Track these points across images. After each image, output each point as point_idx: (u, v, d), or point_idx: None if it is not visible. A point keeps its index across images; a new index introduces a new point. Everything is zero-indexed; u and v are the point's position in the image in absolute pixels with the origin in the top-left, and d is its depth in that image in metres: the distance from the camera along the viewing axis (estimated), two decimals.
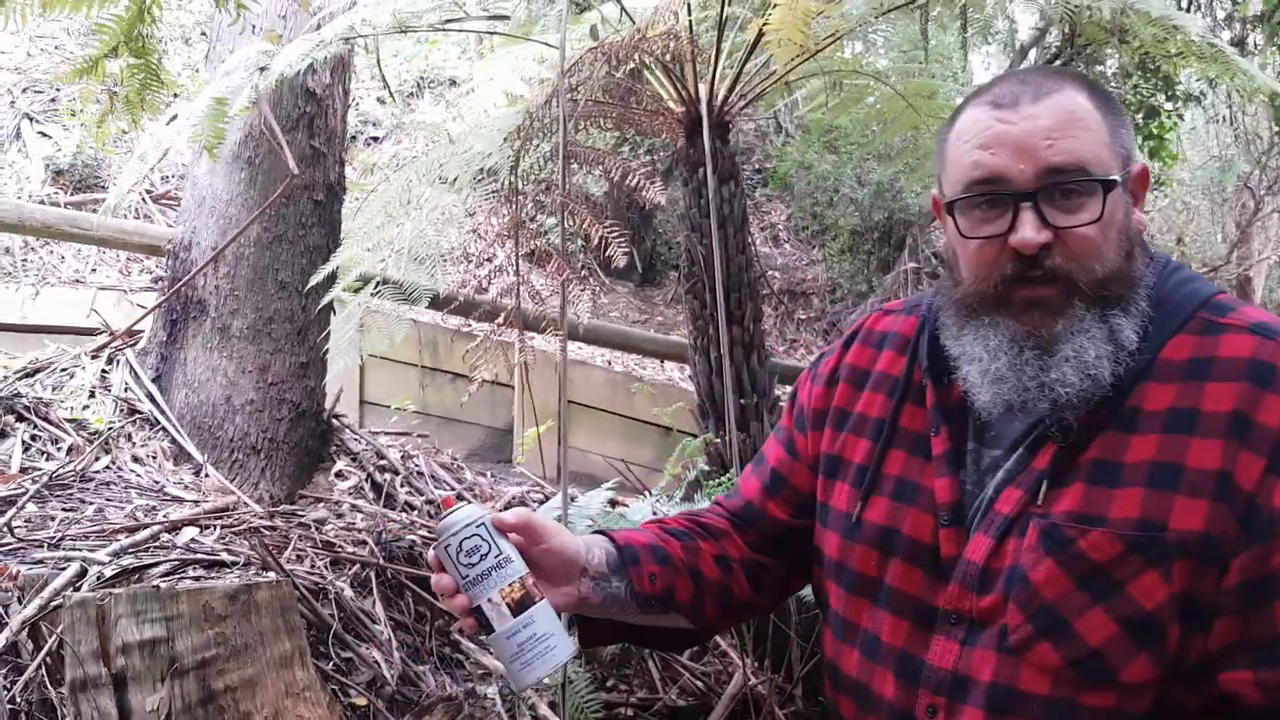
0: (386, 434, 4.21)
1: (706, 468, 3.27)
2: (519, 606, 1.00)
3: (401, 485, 3.66)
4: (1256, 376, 0.90)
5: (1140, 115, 7.10)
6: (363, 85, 7.74)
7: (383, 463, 3.74)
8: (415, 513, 3.52)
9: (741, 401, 3.30)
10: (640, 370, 6.98)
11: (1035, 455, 0.97)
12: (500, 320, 2.76)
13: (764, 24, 2.81)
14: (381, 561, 2.86)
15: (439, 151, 2.94)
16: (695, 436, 3.30)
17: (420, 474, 3.82)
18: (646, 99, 3.30)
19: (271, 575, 2.25)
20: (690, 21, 3.03)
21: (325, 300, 2.98)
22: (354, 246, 2.87)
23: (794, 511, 1.19)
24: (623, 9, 2.94)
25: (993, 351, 0.97)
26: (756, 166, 9.58)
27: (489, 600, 1.00)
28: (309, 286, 2.96)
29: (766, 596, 1.22)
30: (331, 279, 2.93)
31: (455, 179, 2.82)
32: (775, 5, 2.56)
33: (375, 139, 7.74)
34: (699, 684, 3.00)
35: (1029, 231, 0.93)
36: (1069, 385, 0.93)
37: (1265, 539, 0.87)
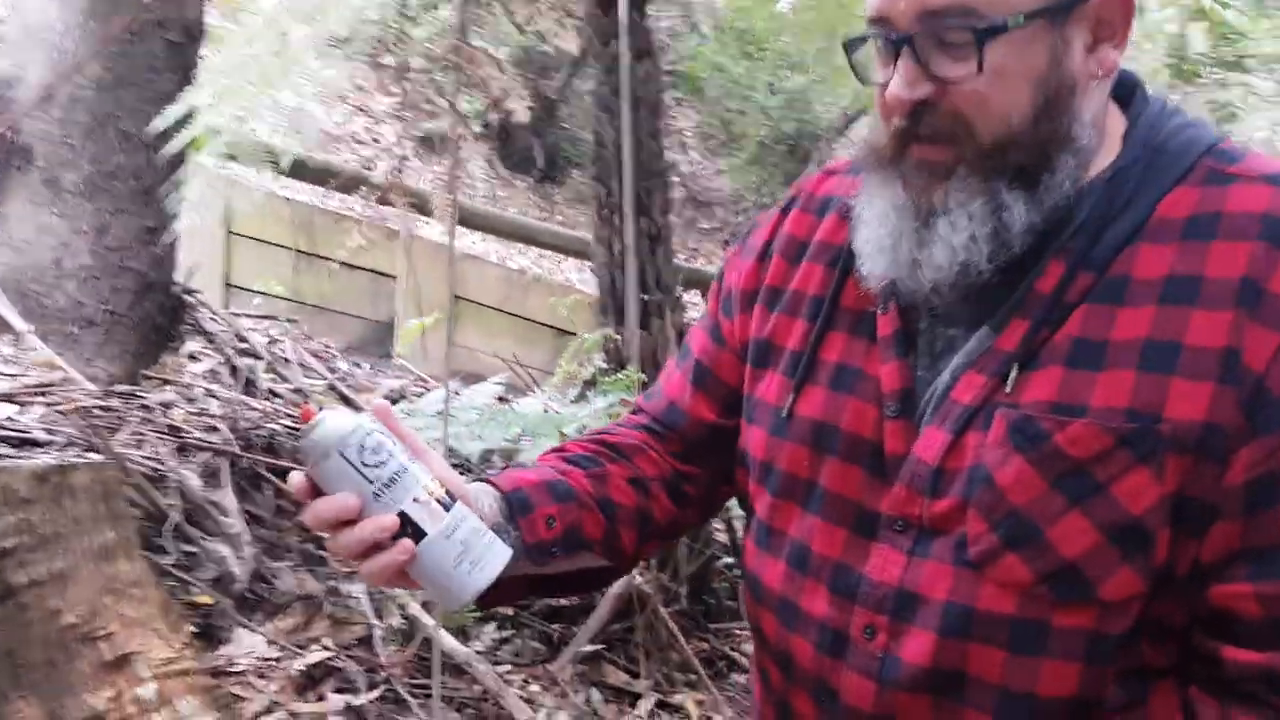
0: (249, 316, 3.85)
1: (604, 365, 3.07)
2: (449, 498, 0.79)
3: (265, 372, 3.34)
4: (1272, 235, 0.74)
5: None
6: None
7: (244, 346, 3.40)
8: (280, 401, 3.22)
9: (644, 297, 3.09)
10: (536, 270, 6.71)
11: (1001, 334, 0.80)
12: (384, 188, 2.43)
13: None
14: (237, 450, 2.58)
15: None
16: (583, 335, 3.09)
17: (287, 360, 3.50)
18: None
19: (96, 458, 1.95)
20: None
21: (172, 147, 2.59)
22: (205, 92, 2.50)
23: (721, 409, 1.00)
24: None
25: (880, 216, 0.82)
26: (667, 69, 9.24)
27: (414, 500, 0.77)
28: (156, 133, 2.57)
29: (693, 510, 1.04)
30: (184, 128, 2.55)
31: (332, 24, 2.46)
32: None
33: None
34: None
35: (898, 85, 0.77)
36: (937, 267, 0.79)
37: (1275, 429, 0.72)
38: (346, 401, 3.43)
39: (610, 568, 1.00)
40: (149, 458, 2.24)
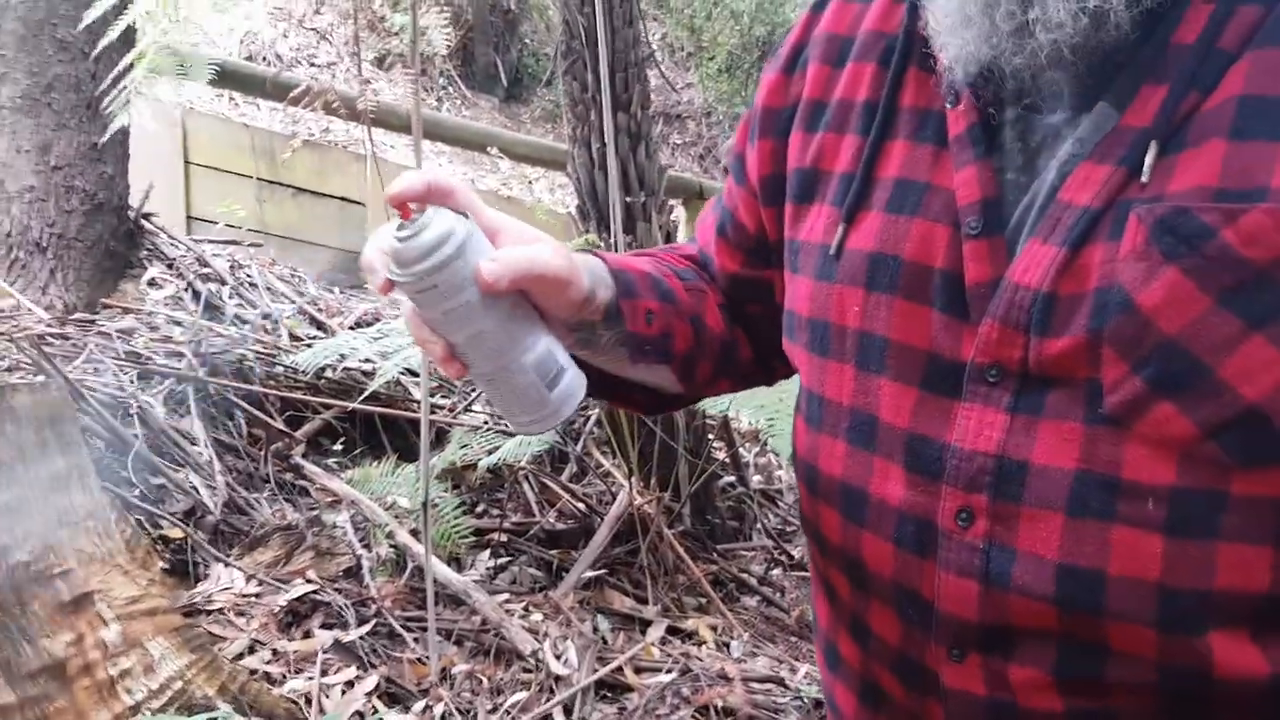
0: (211, 242, 3.63)
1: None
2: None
3: (230, 297, 3.15)
4: None
5: None
6: None
7: (206, 271, 3.20)
8: (247, 327, 3.03)
9: (628, 199, 2.91)
10: (507, 191, 6.47)
11: (1129, 108, 0.59)
12: (321, 97, 2.20)
13: None
14: (202, 375, 2.40)
15: None
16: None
17: (253, 285, 3.31)
18: None
19: (37, 379, 1.78)
20: None
21: (102, 49, 2.36)
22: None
23: (745, 258, 0.82)
24: None
25: None
26: None
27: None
28: (86, 32, 2.34)
29: (760, 371, 0.88)
30: (127, 41, 2.32)
31: None
32: None
33: None
34: (579, 506, 2.71)
35: None
36: (1054, 27, 0.58)
37: None
38: (319, 326, 3.25)
39: (675, 395, 0.85)
40: (108, 385, 2.06)
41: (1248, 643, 0.56)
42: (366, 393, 2.33)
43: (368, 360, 2.64)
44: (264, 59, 6.19)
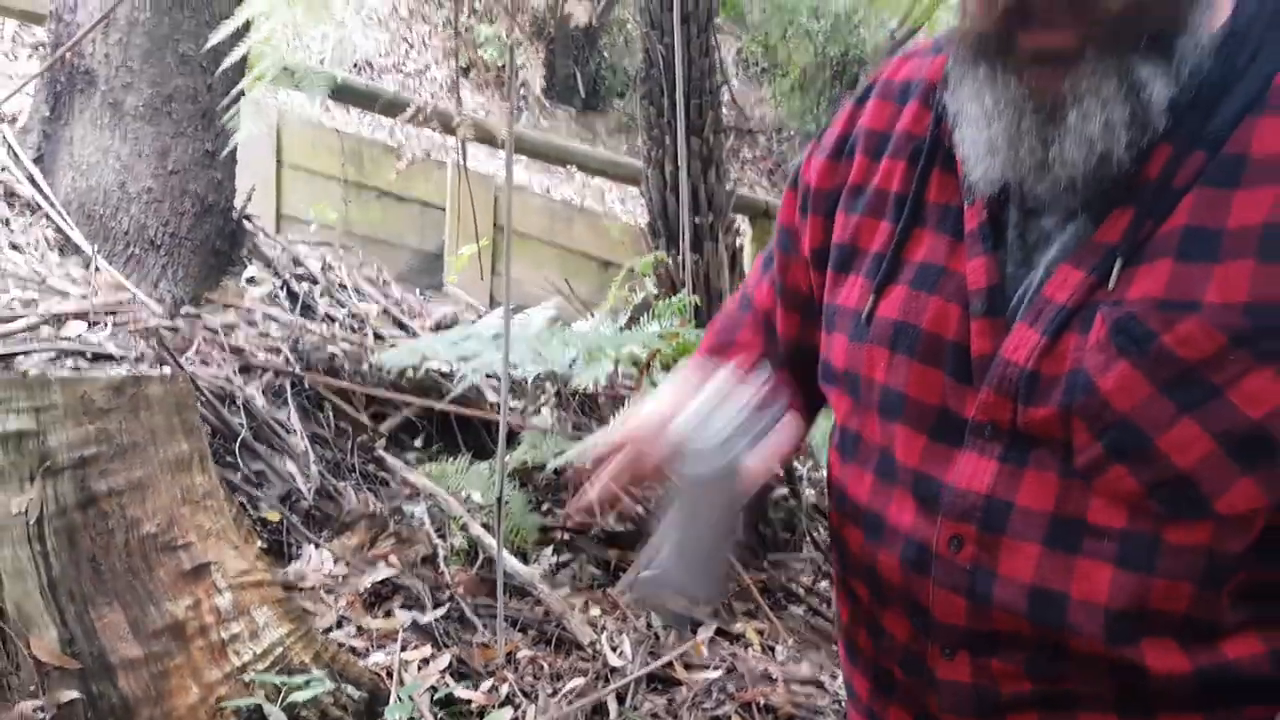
0: (305, 243, 3.86)
1: (656, 289, 3.04)
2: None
3: (321, 296, 3.36)
4: None
5: None
6: None
7: (300, 271, 3.42)
8: (336, 325, 3.24)
9: (697, 220, 3.05)
10: (580, 200, 6.65)
11: (1102, 224, 0.73)
12: (430, 119, 2.39)
13: None
14: (298, 370, 2.60)
15: None
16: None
17: (343, 286, 3.52)
18: None
19: (165, 370, 1.97)
20: None
21: (224, 65, 2.57)
22: (260, 4, 2.46)
23: (799, 320, 0.95)
24: None
25: (989, 113, 0.73)
26: None
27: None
28: (211, 51, 2.55)
29: (810, 415, 1.01)
30: (242, 61, 2.53)
31: None
32: None
33: None
34: (639, 509, 2.85)
35: None
36: (1069, 165, 0.71)
37: None
38: (401, 327, 3.44)
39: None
40: (216, 376, 2.26)
41: (1174, 649, 0.72)
42: (451, 395, 2.50)
43: (447, 362, 2.82)
44: (354, 65, 6.46)
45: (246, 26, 2.42)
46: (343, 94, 3.38)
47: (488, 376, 2.85)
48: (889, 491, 0.82)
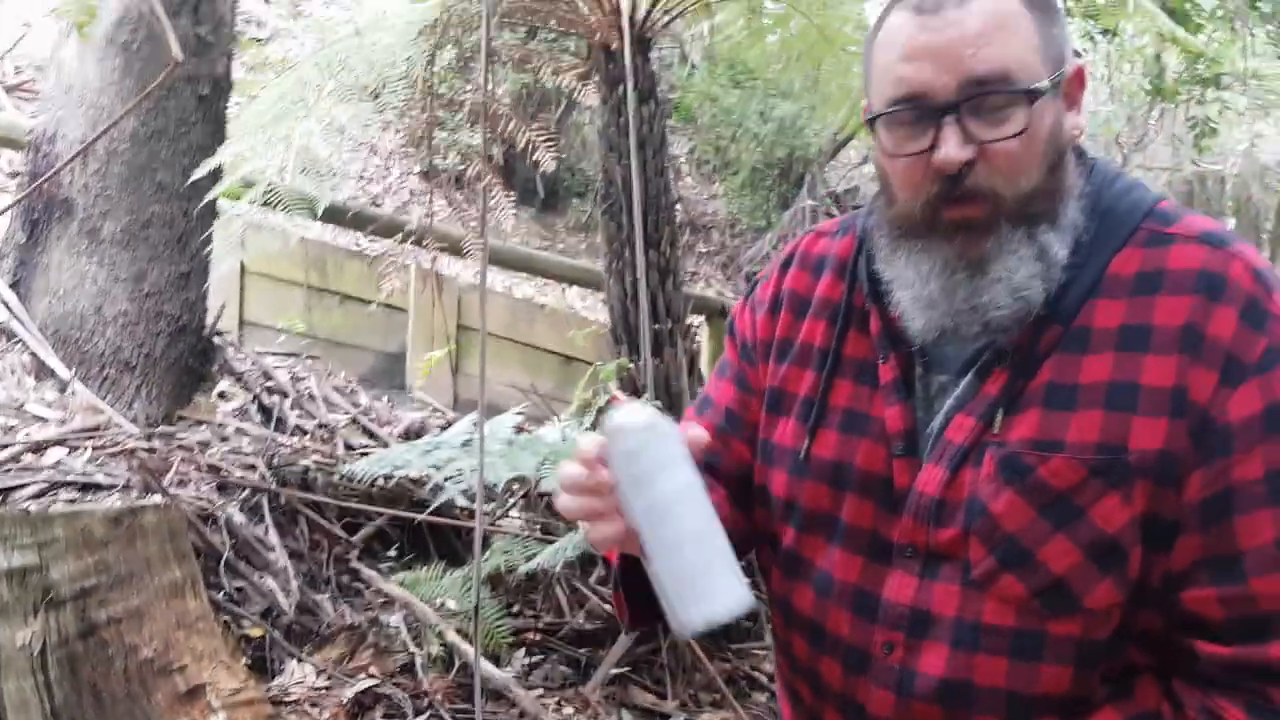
0: (273, 354, 3.96)
1: (619, 393, 3.18)
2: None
3: (292, 408, 3.45)
4: (1207, 288, 0.86)
5: None
6: None
7: (270, 384, 3.51)
8: (307, 437, 3.32)
9: (656, 326, 3.21)
10: (541, 298, 6.82)
11: (985, 380, 0.91)
12: (408, 238, 2.55)
13: None
14: (274, 486, 2.68)
15: (342, 45, 2.70)
16: (596, 364, 3.20)
17: (312, 397, 3.61)
18: (564, 6, 3.11)
19: (155, 498, 2.06)
20: None
21: (206, 199, 2.71)
22: (241, 144, 2.62)
23: (754, 451, 1.08)
24: None
25: (924, 276, 0.90)
26: (660, 97, 9.39)
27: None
28: (189, 183, 2.69)
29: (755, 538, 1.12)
30: (215, 179, 2.67)
31: (361, 77, 2.59)
32: None
33: (259, 40, 7.22)
34: (606, 606, 2.94)
35: (951, 149, 0.86)
36: (1000, 307, 0.88)
37: (1222, 453, 0.84)
38: (371, 436, 3.53)
39: None
40: (196, 497, 2.34)
41: None
42: (430, 508, 2.59)
43: (419, 470, 2.91)
44: (317, 173, 6.62)
45: (224, 165, 2.56)
46: (335, 216, 3.53)
47: (455, 481, 2.94)
48: (827, 605, 0.97)
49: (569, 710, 2.44)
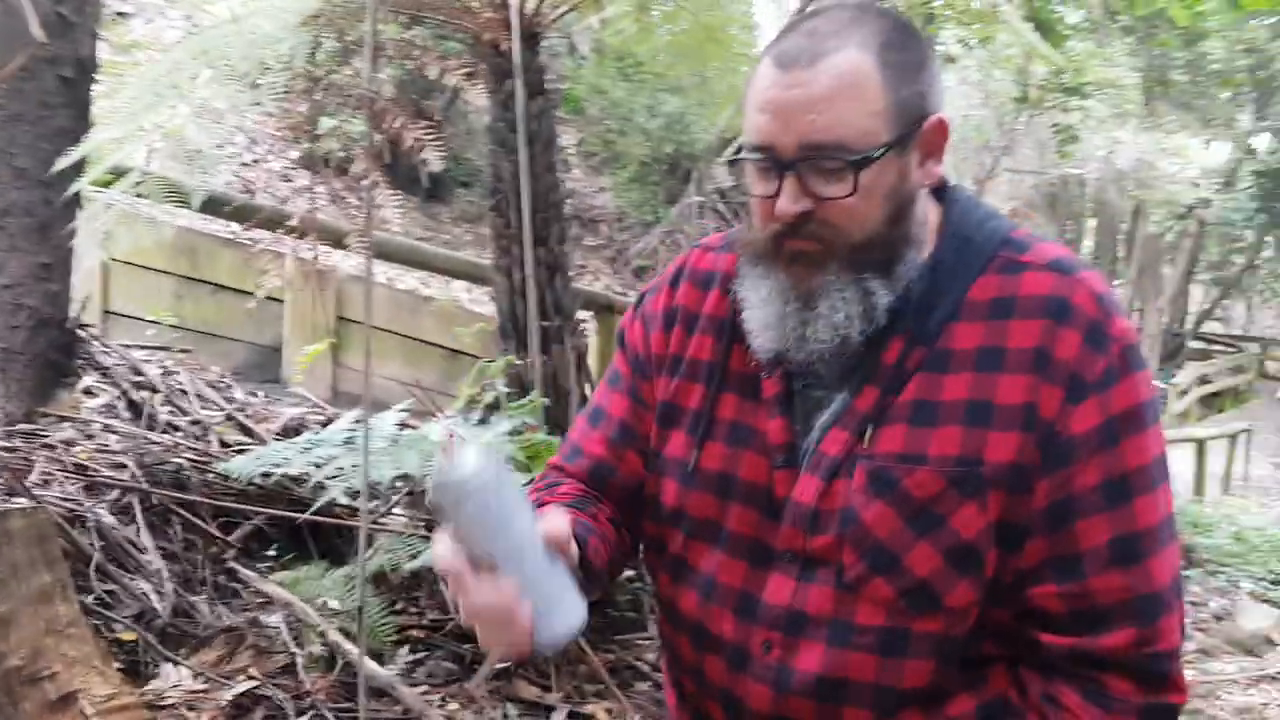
0: (142, 348, 3.80)
1: (507, 390, 3.19)
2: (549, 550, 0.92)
3: (163, 404, 3.32)
4: (1055, 312, 0.94)
5: None
6: None
7: (139, 379, 3.38)
8: (179, 434, 3.21)
9: (544, 324, 3.23)
10: (425, 290, 6.74)
11: (857, 396, 0.98)
12: (294, 224, 2.50)
13: None
14: (145, 486, 2.60)
15: (219, 31, 2.61)
16: (482, 359, 3.20)
17: (184, 392, 3.49)
18: (451, 2, 3.09)
19: (21, 501, 1.97)
20: None
21: (72, 192, 2.61)
22: (110, 130, 2.52)
23: (647, 462, 1.13)
24: None
25: (764, 300, 0.99)
26: (549, 91, 9.37)
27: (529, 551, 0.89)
28: (53, 173, 2.57)
29: (635, 548, 1.17)
30: (80, 167, 2.56)
31: (239, 64, 2.52)
32: None
33: (123, 14, 6.88)
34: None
35: (786, 202, 0.94)
36: (821, 341, 0.96)
37: (1065, 463, 0.93)
38: (247, 432, 3.44)
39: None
40: (63, 498, 2.25)
41: (919, 714, 0.97)
42: (313, 509, 2.55)
43: (300, 469, 2.86)
44: (190, 161, 6.37)
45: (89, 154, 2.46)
46: (213, 206, 3.41)
47: (336, 479, 2.90)
48: (711, 607, 1.04)
49: (453, 706, 2.46)
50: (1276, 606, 5.02)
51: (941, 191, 1.04)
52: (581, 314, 4.19)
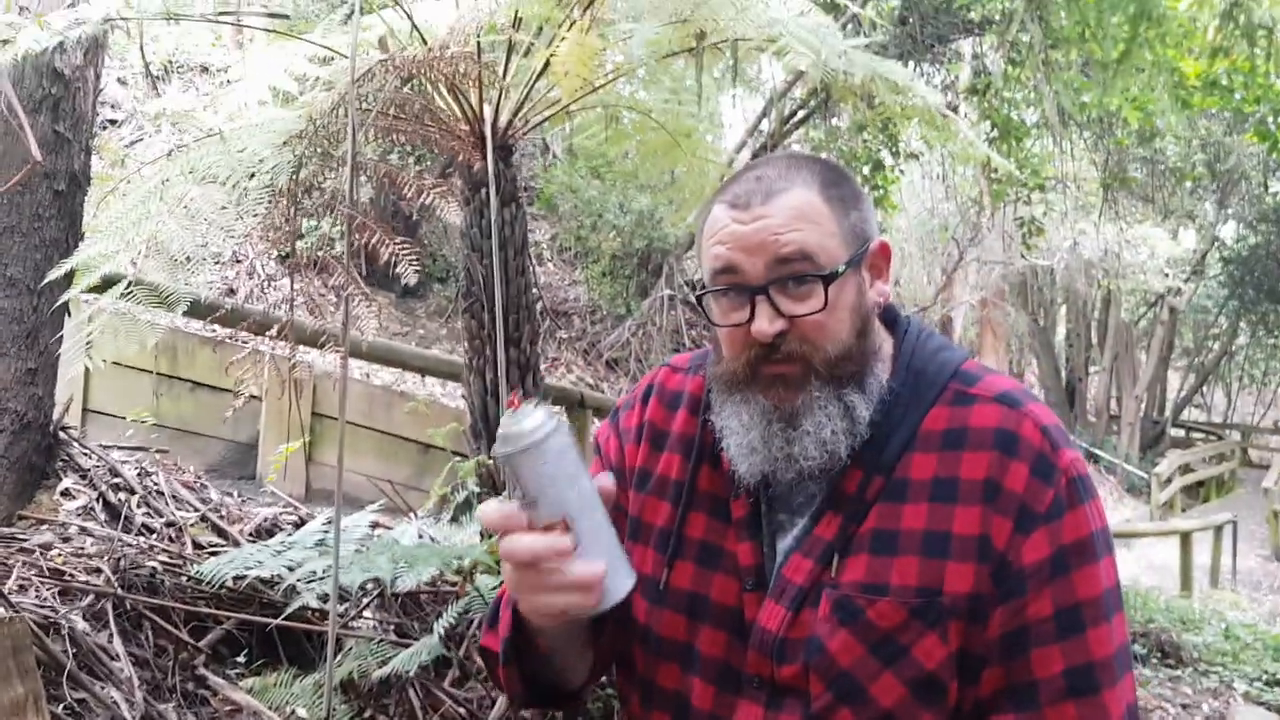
0: (120, 448, 3.84)
1: (478, 489, 3.25)
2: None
3: (139, 506, 3.36)
4: (1003, 445, 0.99)
5: (868, 168, 7.82)
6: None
7: (117, 480, 3.41)
8: (154, 535, 3.24)
9: None
10: (400, 385, 6.81)
11: (818, 523, 1.01)
12: (274, 332, 2.60)
13: (551, 54, 2.86)
14: (119, 591, 2.62)
15: (207, 149, 2.74)
16: (456, 454, 3.26)
17: (160, 493, 3.53)
18: (428, 115, 3.25)
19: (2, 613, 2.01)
20: (479, 44, 3.03)
21: (61, 301, 2.70)
22: (101, 243, 2.62)
23: None
24: (414, 25, 2.89)
25: (746, 425, 1.01)
26: (523, 185, 9.63)
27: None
28: (43, 284, 2.67)
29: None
30: (69, 277, 2.65)
31: (226, 180, 2.64)
32: (563, 39, 2.62)
33: (113, 122, 7.07)
34: (461, 710, 2.96)
35: (763, 323, 0.99)
36: (810, 458, 0.99)
37: (1018, 594, 0.96)
38: (221, 534, 3.47)
39: (567, 692, 1.15)
40: (39, 604, 2.28)
41: None
42: (285, 614, 2.58)
43: (273, 572, 2.89)
44: (176, 267, 6.48)
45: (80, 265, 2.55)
46: (201, 312, 3.50)
47: (308, 583, 2.93)
48: None
49: None
50: (1273, 710, 4.78)
51: (894, 320, 1.10)
52: (554, 408, 4.27)
